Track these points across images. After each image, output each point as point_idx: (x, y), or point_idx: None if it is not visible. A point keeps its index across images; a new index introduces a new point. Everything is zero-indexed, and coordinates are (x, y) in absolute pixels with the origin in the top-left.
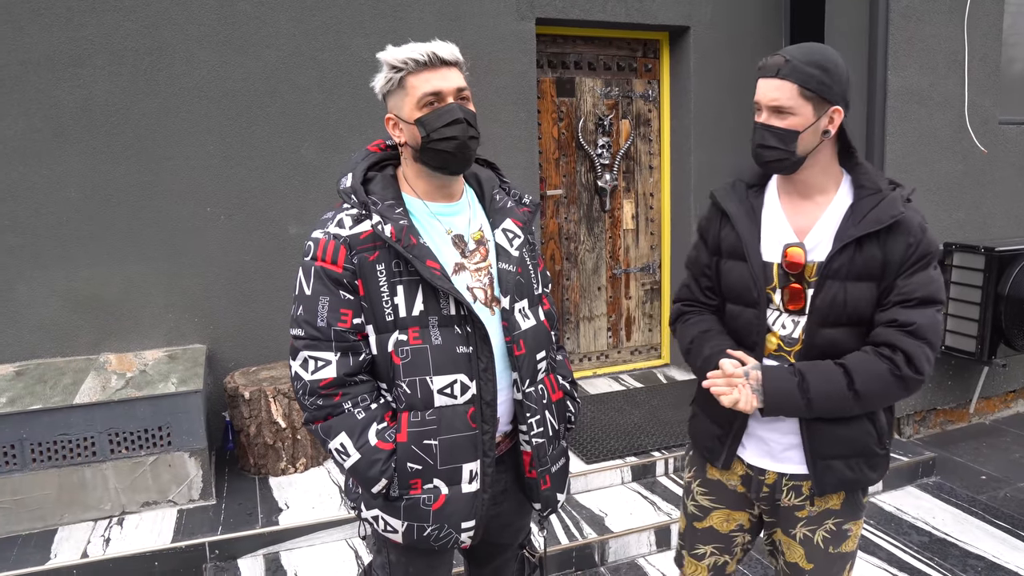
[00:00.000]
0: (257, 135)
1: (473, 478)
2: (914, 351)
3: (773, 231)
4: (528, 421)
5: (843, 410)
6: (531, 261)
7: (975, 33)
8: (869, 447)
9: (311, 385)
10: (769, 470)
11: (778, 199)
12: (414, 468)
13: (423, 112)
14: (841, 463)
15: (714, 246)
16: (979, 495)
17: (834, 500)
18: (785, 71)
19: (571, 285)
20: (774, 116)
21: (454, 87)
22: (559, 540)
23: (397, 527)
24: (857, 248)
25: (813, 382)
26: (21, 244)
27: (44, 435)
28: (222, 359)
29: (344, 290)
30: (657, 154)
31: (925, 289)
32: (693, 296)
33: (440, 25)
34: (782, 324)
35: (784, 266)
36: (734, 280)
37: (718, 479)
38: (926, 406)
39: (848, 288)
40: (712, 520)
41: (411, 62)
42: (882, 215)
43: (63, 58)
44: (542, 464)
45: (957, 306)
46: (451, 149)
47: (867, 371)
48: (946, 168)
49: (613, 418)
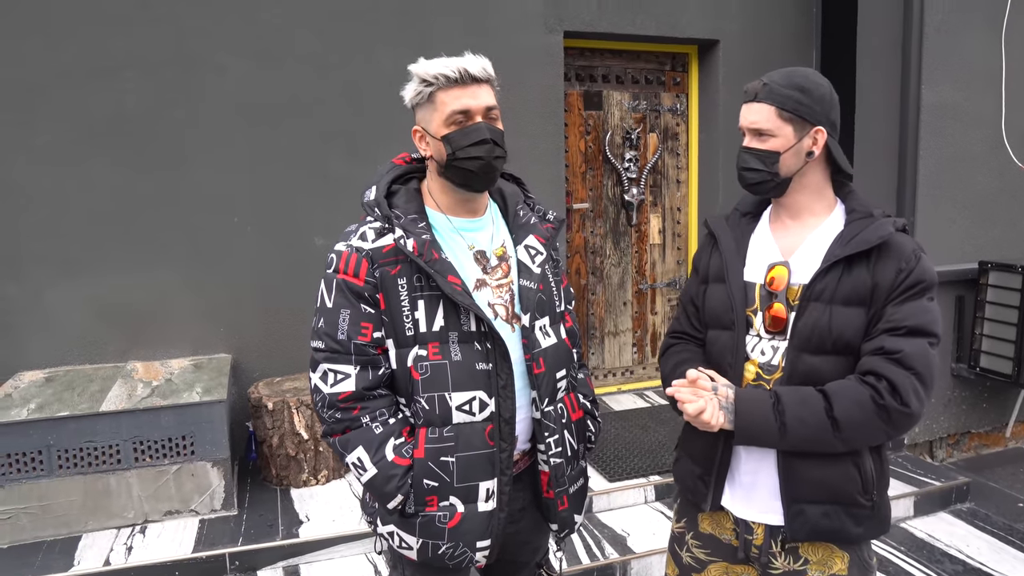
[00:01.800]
0: (284, 146)
1: (490, 497)
2: (900, 380)
3: (759, 252)
4: (547, 440)
5: (821, 442)
6: (554, 278)
7: (1012, 47)
8: (850, 495)
9: (330, 398)
10: (757, 523)
11: (768, 224)
12: (430, 485)
13: (450, 129)
14: (816, 509)
15: (703, 274)
16: (1017, 523)
17: (839, 564)
18: (763, 95)
19: (596, 300)
20: (755, 139)
21: (483, 106)
22: (580, 560)
23: (412, 544)
24: (846, 271)
25: (789, 404)
26: (51, 252)
27: (71, 442)
28: (247, 369)
29: (365, 303)
30: (685, 168)
31: (916, 319)
32: (681, 328)
33: (468, 38)
34: (761, 351)
35: (767, 286)
36: (715, 303)
37: (711, 533)
38: (959, 428)
39: (833, 312)
40: (711, 574)
41: (442, 78)
42: (870, 236)
43: (95, 69)
44: (560, 485)
45: (993, 327)
46: (475, 169)
47: (847, 397)
48: (982, 185)
49: (637, 435)
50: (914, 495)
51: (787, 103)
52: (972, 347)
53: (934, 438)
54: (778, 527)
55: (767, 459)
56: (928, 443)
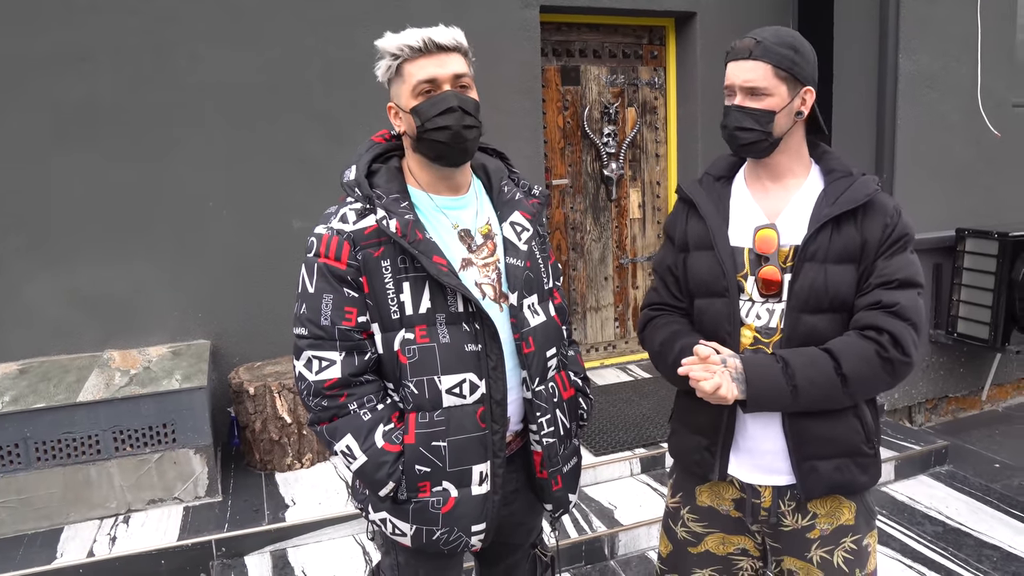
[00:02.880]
0: (261, 130)
1: (483, 480)
2: (900, 331)
3: (742, 216)
4: (539, 420)
5: (831, 399)
6: (541, 254)
7: (988, 15)
8: (857, 446)
9: (315, 386)
10: (764, 486)
11: (746, 186)
12: (422, 471)
13: (418, 100)
14: (828, 464)
15: (681, 242)
16: (993, 484)
17: (847, 514)
18: (758, 52)
19: (578, 275)
20: (748, 98)
21: (450, 73)
22: (568, 534)
23: (406, 530)
24: (835, 230)
25: (798, 367)
26: (25, 243)
27: (48, 433)
28: (227, 355)
29: (348, 287)
30: (663, 142)
31: (905, 271)
32: (661, 299)
33: (445, 13)
34: (756, 315)
35: (756, 249)
36: (702, 271)
37: (709, 505)
38: (937, 393)
39: (828, 271)
40: (707, 544)
41: (407, 48)
42: (856, 194)
43: (65, 55)
44: (553, 464)
45: (970, 292)
46: (445, 139)
47: (854, 353)
48: (959, 153)
49: (621, 409)
50: (894, 459)
51: (783, 62)
52: (950, 313)
53: (913, 403)
54: (785, 487)
55: (770, 422)
56: (907, 408)
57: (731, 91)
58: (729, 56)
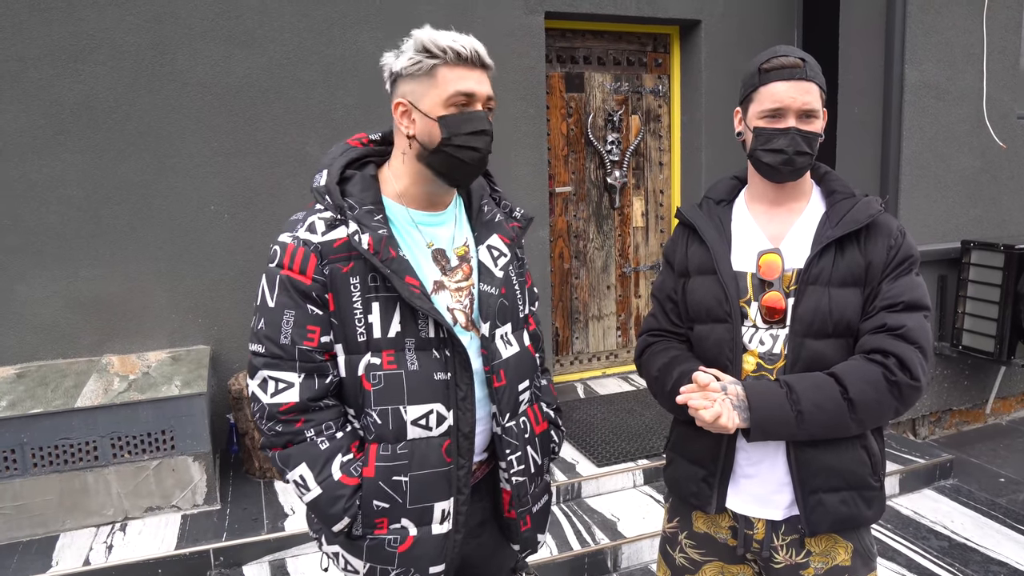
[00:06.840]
0: (261, 131)
1: (445, 518)
2: (907, 354)
3: (745, 240)
4: (508, 458)
5: (838, 425)
6: (518, 279)
7: (994, 26)
8: (864, 479)
9: (270, 409)
10: (757, 519)
11: (747, 210)
12: (381, 506)
13: (449, 111)
14: (834, 497)
15: (681, 267)
16: (998, 498)
17: (843, 555)
18: (809, 73)
19: (580, 284)
20: (802, 121)
21: (486, 94)
22: (571, 546)
23: (359, 568)
24: (839, 252)
25: (803, 393)
26: (22, 244)
27: (45, 439)
28: (226, 360)
29: (312, 304)
30: (667, 150)
31: (911, 294)
32: (659, 325)
33: (448, 18)
34: (760, 340)
35: (760, 274)
36: (703, 296)
37: (705, 532)
38: (941, 407)
39: (832, 295)
40: (706, 574)
41: (451, 52)
42: (859, 215)
43: (63, 54)
44: (522, 504)
45: (975, 305)
46: (469, 160)
47: (860, 377)
48: (964, 164)
49: (623, 419)
50: (899, 473)
51: (823, 84)
52: (955, 326)
53: (917, 416)
54: (780, 522)
55: (769, 453)
56: (911, 421)
57: (781, 113)
58: (773, 75)
